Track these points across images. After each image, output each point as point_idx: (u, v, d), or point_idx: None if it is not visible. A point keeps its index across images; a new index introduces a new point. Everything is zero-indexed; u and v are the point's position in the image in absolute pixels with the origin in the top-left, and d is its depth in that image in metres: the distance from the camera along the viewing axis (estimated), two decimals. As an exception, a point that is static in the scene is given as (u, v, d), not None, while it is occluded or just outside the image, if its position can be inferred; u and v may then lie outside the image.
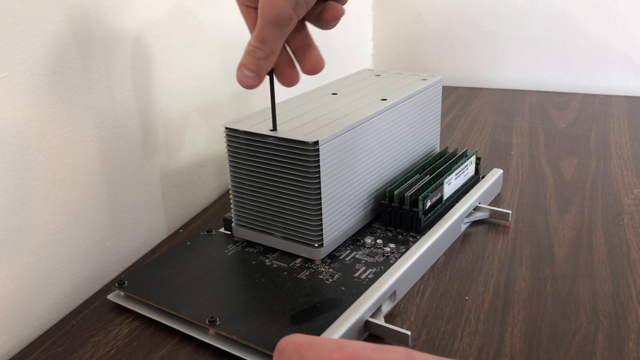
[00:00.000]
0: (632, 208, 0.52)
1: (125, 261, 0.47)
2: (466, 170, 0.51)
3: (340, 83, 0.54)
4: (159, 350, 0.36)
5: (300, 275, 0.41)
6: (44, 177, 0.39)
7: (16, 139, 0.37)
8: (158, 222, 0.51)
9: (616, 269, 0.43)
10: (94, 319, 0.40)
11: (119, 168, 0.46)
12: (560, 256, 0.45)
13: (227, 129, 0.42)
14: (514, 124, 0.77)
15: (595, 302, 0.39)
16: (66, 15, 0.39)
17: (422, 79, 0.54)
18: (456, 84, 0.99)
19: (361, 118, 0.43)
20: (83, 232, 0.43)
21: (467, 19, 0.97)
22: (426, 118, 0.54)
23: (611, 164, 0.62)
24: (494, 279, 0.42)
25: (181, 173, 0.53)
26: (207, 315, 0.36)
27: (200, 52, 0.54)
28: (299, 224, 0.42)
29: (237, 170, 0.43)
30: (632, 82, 0.91)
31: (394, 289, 0.39)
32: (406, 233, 0.46)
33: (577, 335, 0.36)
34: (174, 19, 0.50)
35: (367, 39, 1.02)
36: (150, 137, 0.49)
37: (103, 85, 0.43)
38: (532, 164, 0.63)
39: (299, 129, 0.41)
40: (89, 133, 0.42)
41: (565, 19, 0.91)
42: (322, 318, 0.36)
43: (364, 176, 0.45)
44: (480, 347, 0.36)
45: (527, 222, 0.50)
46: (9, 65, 0.35)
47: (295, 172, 0.40)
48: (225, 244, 0.45)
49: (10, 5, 0.35)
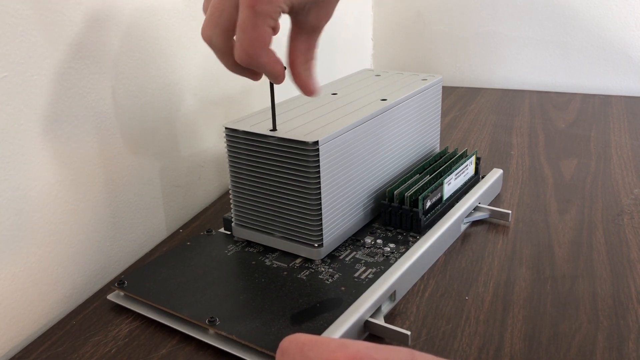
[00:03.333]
0: (632, 208, 0.52)
1: (125, 261, 0.47)
2: (466, 170, 0.51)
3: (340, 83, 0.54)
4: (159, 350, 0.36)
5: (300, 275, 0.41)
6: (44, 177, 0.39)
7: (16, 139, 0.37)
8: (158, 222, 0.51)
9: (616, 269, 0.43)
10: (94, 319, 0.40)
11: (119, 168, 0.46)
12: (560, 256, 0.45)
13: (227, 129, 0.42)
14: (514, 124, 0.77)
15: (595, 302, 0.39)
16: (66, 15, 0.39)
17: (422, 79, 0.54)
18: (456, 84, 0.99)
19: (361, 118, 0.43)
20: (83, 232, 0.43)
21: (467, 19, 0.97)
22: (426, 118, 0.54)
23: (611, 164, 0.62)
24: (494, 279, 0.42)
25: (181, 173, 0.53)
26: (207, 315, 0.36)
27: (201, 52, 0.54)
28: (298, 224, 0.42)
29: (237, 170, 0.43)
30: (632, 82, 0.91)
31: (394, 289, 0.39)
32: (406, 233, 0.46)
33: (577, 335, 0.36)
34: (174, 19, 0.50)
35: (367, 38, 1.02)
36: (150, 137, 0.49)
37: (103, 85, 0.43)
38: (532, 164, 0.63)
39: (299, 129, 0.41)
40: (89, 133, 0.42)
41: (565, 19, 0.91)
42: (322, 318, 0.36)
43: (364, 176, 0.45)
44: (480, 347, 0.36)
45: (527, 222, 0.50)
46: (8, 65, 0.35)
47: (295, 172, 0.40)
48: (225, 244, 0.45)
49: (10, 5, 0.35)
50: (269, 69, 0.34)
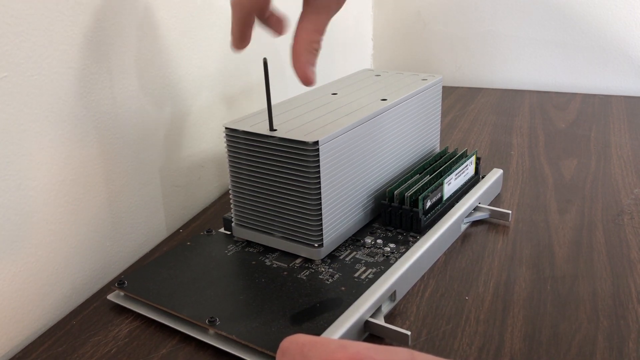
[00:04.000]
0: (632, 208, 0.52)
1: (125, 261, 0.47)
2: (466, 170, 0.51)
3: (340, 83, 0.54)
4: (159, 350, 0.36)
5: (300, 275, 0.41)
6: (44, 177, 0.39)
7: (16, 139, 0.37)
8: (158, 222, 0.51)
9: (616, 269, 0.43)
10: (94, 319, 0.40)
11: (119, 168, 0.46)
12: (560, 256, 0.45)
13: (227, 129, 0.42)
14: (514, 124, 0.77)
15: (595, 302, 0.39)
16: (66, 15, 0.39)
17: (422, 79, 0.54)
18: (456, 84, 0.99)
19: (361, 118, 0.43)
20: (83, 232, 0.43)
21: (467, 19, 0.97)
22: (426, 118, 0.54)
23: (611, 164, 0.62)
24: (494, 279, 0.42)
25: (181, 173, 0.53)
26: (207, 315, 0.36)
27: (201, 52, 0.54)
28: (299, 224, 0.42)
29: (237, 170, 0.43)
30: (632, 82, 0.91)
31: (394, 289, 0.39)
32: (406, 233, 0.46)
33: (577, 335, 0.36)
34: (174, 19, 0.50)
35: (367, 39, 1.02)
36: (150, 137, 0.49)
37: (103, 85, 0.43)
38: (532, 164, 0.63)
39: (299, 129, 0.41)
40: (89, 133, 0.42)
41: (565, 19, 0.91)
42: (322, 318, 0.36)
43: (364, 176, 0.45)
44: (481, 347, 0.36)
45: (527, 222, 0.50)
46: (8, 65, 0.35)
47: (295, 172, 0.40)
48: (225, 244, 0.45)
49: (10, 5, 0.35)
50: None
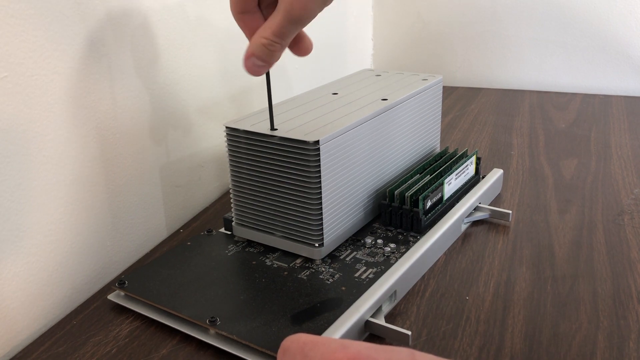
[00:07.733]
0: (632, 208, 0.52)
1: (126, 261, 0.47)
2: (466, 170, 0.51)
3: (340, 83, 0.54)
4: (159, 350, 0.36)
5: (301, 275, 0.41)
6: (44, 177, 0.39)
7: (16, 139, 0.37)
8: (158, 222, 0.51)
9: (616, 269, 0.43)
10: (95, 319, 0.40)
11: (119, 168, 0.45)
12: (560, 256, 0.45)
13: (228, 129, 0.42)
14: (514, 124, 0.77)
15: (595, 302, 0.39)
16: (66, 15, 0.39)
17: (422, 79, 0.54)
18: (456, 84, 0.99)
19: (361, 118, 0.43)
20: (83, 232, 0.43)
21: (467, 19, 0.97)
22: (426, 118, 0.54)
23: (611, 164, 0.62)
24: (494, 279, 0.42)
25: (181, 173, 0.53)
26: (208, 315, 0.36)
27: (201, 52, 0.54)
28: (299, 223, 0.42)
29: (237, 169, 0.43)
30: (632, 82, 0.91)
31: (395, 289, 0.39)
32: (406, 233, 0.46)
33: (577, 335, 0.36)
34: (174, 19, 0.50)
35: (367, 39, 1.02)
36: (150, 137, 0.49)
37: (103, 85, 0.43)
38: (532, 164, 0.63)
39: (300, 128, 0.41)
40: (89, 133, 0.42)
41: (565, 19, 0.91)
42: (323, 318, 0.36)
43: (364, 176, 0.45)
44: (481, 347, 0.36)
45: (527, 222, 0.50)
46: (9, 65, 0.35)
47: (296, 172, 0.40)
48: (225, 244, 0.45)
49: (10, 5, 0.35)
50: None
